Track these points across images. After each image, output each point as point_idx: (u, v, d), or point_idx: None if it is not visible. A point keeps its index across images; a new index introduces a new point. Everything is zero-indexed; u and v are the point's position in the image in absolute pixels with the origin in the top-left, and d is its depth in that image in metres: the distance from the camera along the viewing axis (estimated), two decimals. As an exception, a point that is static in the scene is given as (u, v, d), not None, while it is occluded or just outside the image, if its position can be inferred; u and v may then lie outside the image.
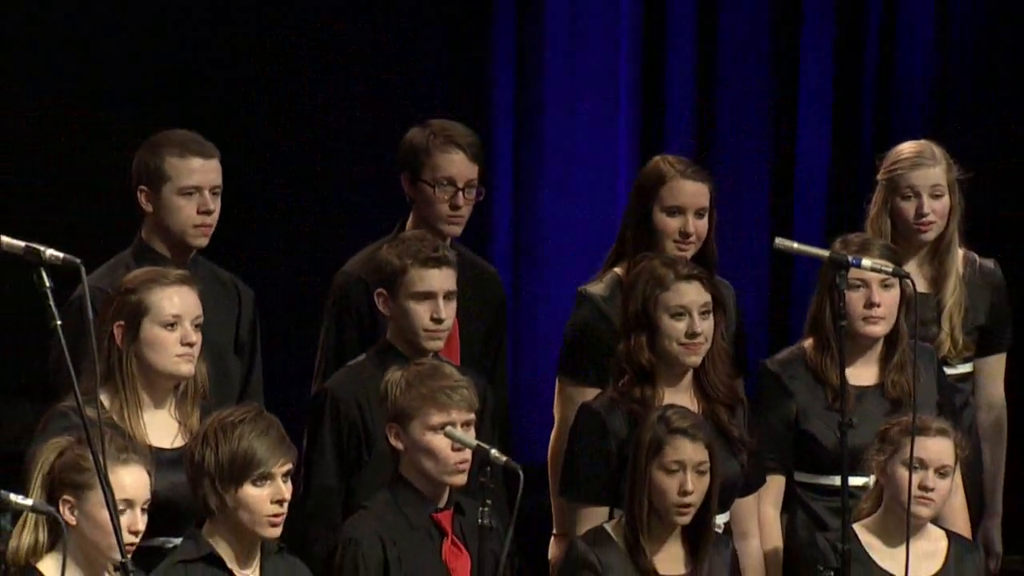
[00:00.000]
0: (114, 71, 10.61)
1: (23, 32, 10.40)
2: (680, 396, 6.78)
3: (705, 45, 10.11)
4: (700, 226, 7.21)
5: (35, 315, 5.69)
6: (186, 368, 6.35)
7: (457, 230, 7.26)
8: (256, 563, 6.20)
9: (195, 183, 6.88)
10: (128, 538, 5.59)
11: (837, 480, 6.72)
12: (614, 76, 10.16)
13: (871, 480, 6.78)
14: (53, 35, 10.48)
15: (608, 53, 10.17)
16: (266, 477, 6.06)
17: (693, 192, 7.23)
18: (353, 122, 9.60)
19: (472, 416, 6.37)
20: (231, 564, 6.13)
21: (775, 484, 7.09)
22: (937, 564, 6.75)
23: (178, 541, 6.24)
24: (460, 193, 7.22)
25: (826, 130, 9.99)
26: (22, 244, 5.52)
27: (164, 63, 10.76)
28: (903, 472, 6.60)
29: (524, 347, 9.12)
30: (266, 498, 6.07)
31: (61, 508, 5.66)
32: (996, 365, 7.63)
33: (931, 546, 6.73)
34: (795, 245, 6.87)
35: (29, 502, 5.40)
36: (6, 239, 5.57)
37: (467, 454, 6.30)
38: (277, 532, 6.17)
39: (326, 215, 8.85)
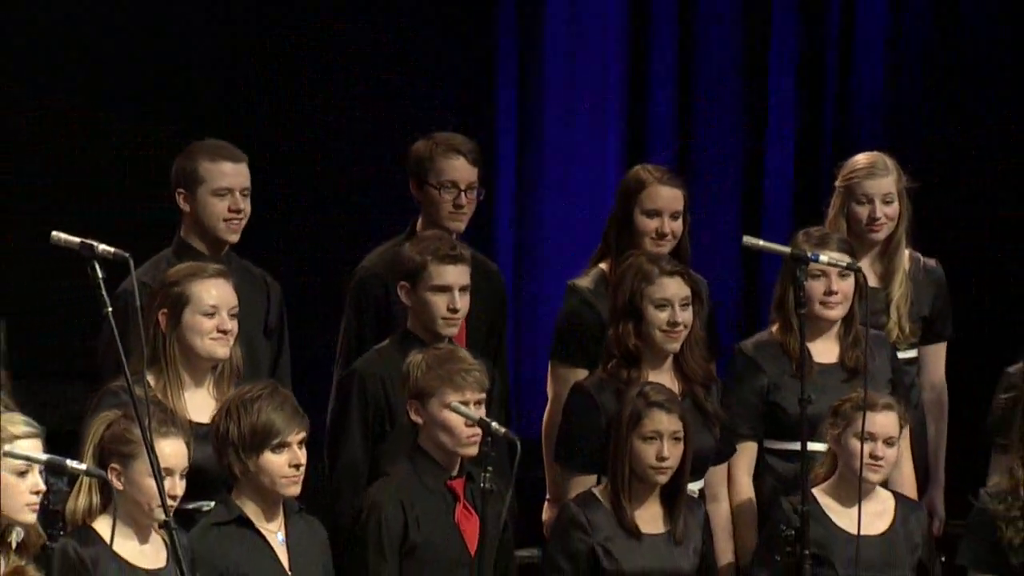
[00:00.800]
0: (117, 72, 9.93)
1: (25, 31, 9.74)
2: (662, 377, 6.79)
3: (685, 64, 10.04)
4: (675, 226, 7.19)
5: (83, 306, 5.70)
6: (222, 352, 6.38)
7: (461, 226, 7.24)
8: (280, 522, 6.18)
9: (226, 185, 6.86)
10: (168, 502, 5.55)
11: (795, 443, 6.70)
12: (604, 89, 10.06)
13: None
14: (53, 34, 9.84)
15: (598, 70, 10.07)
16: (283, 445, 6.07)
17: (669, 197, 7.22)
18: (366, 132, 9.29)
19: (483, 395, 6.39)
20: (259, 523, 6.11)
21: (748, 450, 7.06)
22: (886, 522, 6.72)
23: (210, 505, 6.25)
24: (462, 194, 7.21)
25: (790, 141, 9.94)
26: (78, 240, 5.51)
27: (172, 65, 9.98)
28: (855, 443, 6.59)
29: (524, 336, 9.05)
30: (284, 463, 6.07)
31: (109, 475, 5.65)
32: (938, 352, 7.61)
33: (881, 506, 6.71)
34: (761, 243, 6.88)
35: (83, 466, 5.45)
36: (64, 235, 5.56)
37: (478, 429, 6.23)
38: (296, 491, 6.16)
39: (342, 216, 8.66)
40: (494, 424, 6.23)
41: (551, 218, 9.86)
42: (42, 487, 5.50)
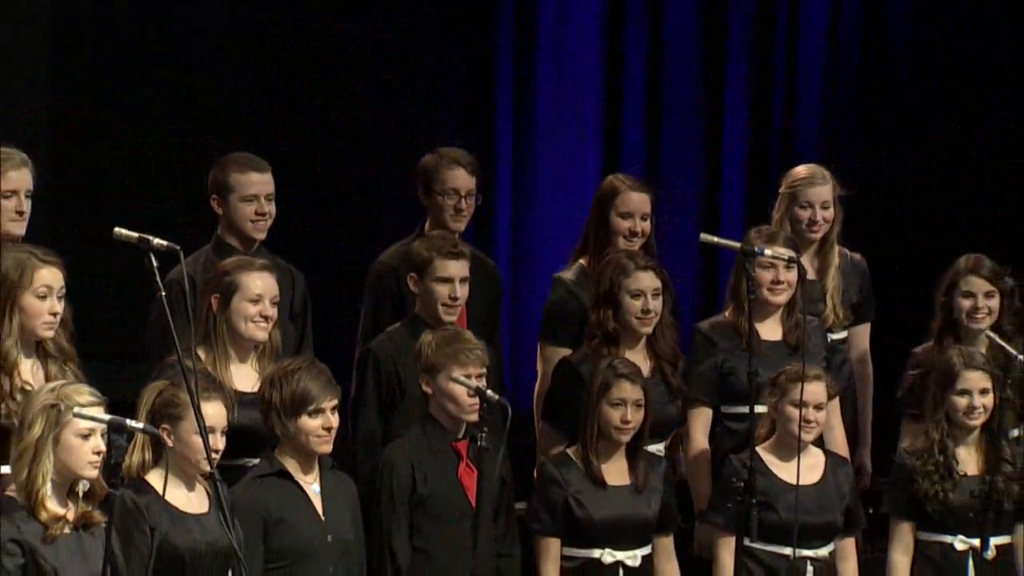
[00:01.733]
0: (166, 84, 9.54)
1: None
2: (636, 355, 6.84)
3: (653, 91, 10.01)
4: (644, 226, 7.21)
5: (134, 295, 5.76)
6: (261, 335, 6.37)
7: (462, 227, 7.23)
8: (316, 475, 6.19)
9: (253, 192, 6.86)
10: (211, 455, 5.59)
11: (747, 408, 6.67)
12: (584, 112, 10.01)
13: None
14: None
15: (580, 96, 10.03)
16: (318, 411, 6.08)
17: (639, 201, 7.24)
18: (378, 140, 9.17)
19: (484, 370, 6.41)
20: (297, 476, 6.13)
21: (704, 414, 6.99)
22: (819, 474, 6.73)
23: (256, 461, 6.25)
24: (463, 200, 7.21)
25: (742, 155, 9.91)
26: (136, 234, 5.49)
27: (203, 77, 9.57)
28: (790, 409, 6.60)
29: (519, 321, 8.99)
30: (318, 426, 6.08)
31: (161, 433, 5.66)
32: (863, 332, 7.59)
33: (814, 461, 6.72)
34: (715, 239, 6.89)
35: (140, 425, 5.43)
36: (124, 231, 5.51)
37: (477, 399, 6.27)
38: (328, 449, 6.18)
39: (356, 215, 8.51)
40: (489, 392, 6.23)
41: (540, 221, 9.79)
42: (102, 448, 5.46)
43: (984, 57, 10.04)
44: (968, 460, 6.82)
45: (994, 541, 6.78)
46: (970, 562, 6.80)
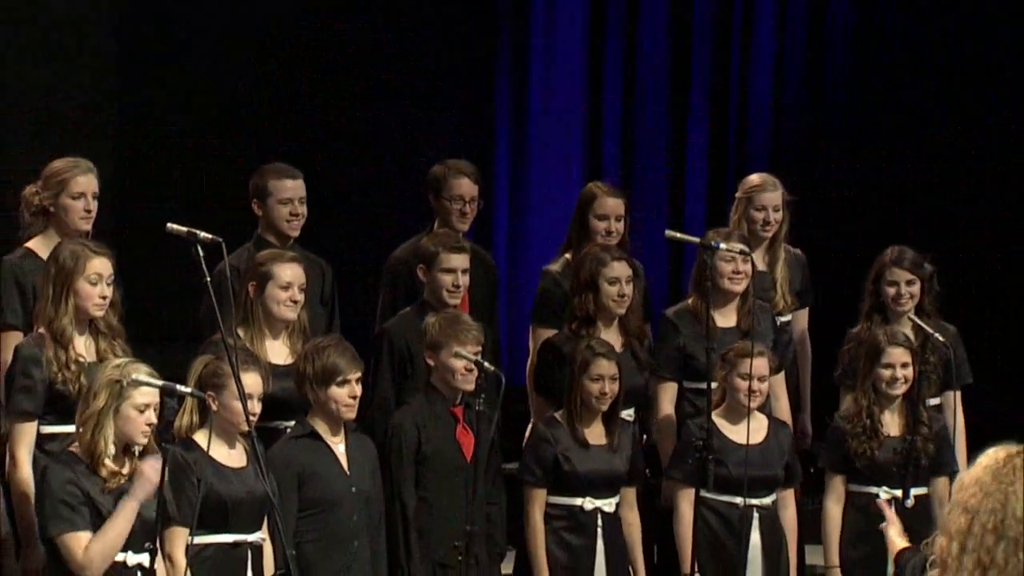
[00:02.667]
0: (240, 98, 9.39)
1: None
2: (610, 334, 6.87)
3: (628, 110, 10.02)
4: (619, 227, 7.19)
5: (183, 284, 5.77)
6: (291, 315, 6.36)
7: (465, 227, 7.22)
8: (342, 437, 6.20)
9: (288, 196, 6.82)
10: (249, 418, 5.64)
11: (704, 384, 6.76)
12: (569, 129, 10.01)
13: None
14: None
15: (564, 115, 10.05)
16: (345, 381, 6.10)
17: (614, 205, 7.23)
18: (394, 151, 9.04)
19: (480, 347, 6.42)
20: (326, 437, 6.15)
21: (670, 388, 6.97)
22: (762, 435, 6.74)
23: (288, 424, 6.29)
24: (466, 204, 7.21)
25: (703, 164, 9.92)
26: (184, 228, 5.48)
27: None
28: (739, 381, 6.63)
29: (515, 309, 8.92)
30: (345, 395, 6.10)
31: (206, 398, 5.73)
32: (804, 315, 7.58)
33: (758, 424, 6.72)
34: (678, 235, 6.99)
35: (188, 389, 5.54)
36: (175, 226, 5.51)
37: (475, 371, 6.34)
38: (353, 415, 6.20)
39: (376, 216, 8.42)
40: (486, 364, 6.31)
41: (532, 222, 9.80)
42: (154, 420, 5.50)
43: (910, 80, 10.04)
44: (891, 423, 6.85)
45: (913, 492, 6.80)
46: (915, 514, 6.65)
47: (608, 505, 6.61)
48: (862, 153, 9.96)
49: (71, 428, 5.64)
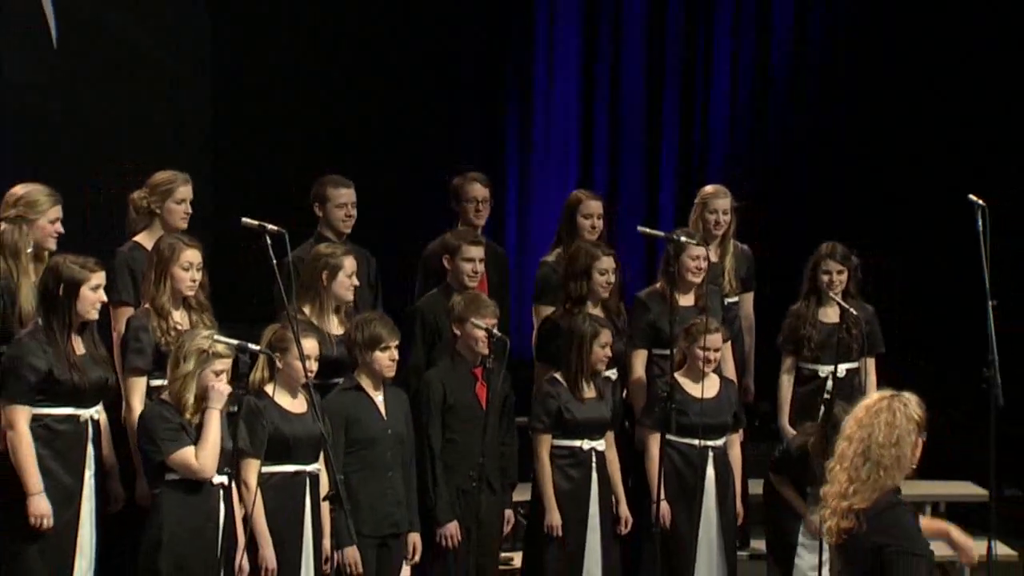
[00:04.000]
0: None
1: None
2: (595, 311, 6.81)
3: (613, 133, 10.03)
4: (599, 224, 7.19)
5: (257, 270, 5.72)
6: (351, 297, 6.36)
7: (481, 223, 7.19)
8: (381, 391, 6.14)
9: (343, 201, 6.79)
10: (308, 374, 5.69)
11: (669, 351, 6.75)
12: (567, 148, 10.02)
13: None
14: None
15: (563, 135, 10.05)
16: (386, 347, 6.06)
17: (596, 207, 7.22)
18: (429, 165, 8.80)
19: (495, 320, 6.37)
20: (369, 391, 6.09)
21: (642, 355, 6.95)
22: (715, 391, 6.73)
23: (340, 380, 6.21)
24: (480, 205, 7.21)
25: (672, 177, 9.94)
26: (256, 222, 5.47)
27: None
28: (697, 350, 6.62)
29: (523, 292, 8.69)
30: (387, 358, 6.07)
31: (274, 357, 5.75)
32: (749, 298, 7.55)
33: (711, 382, 6.71)
34: (649, 230, 6.97)
35: (258, 348, 5.60)
36: (248, 220, 5.51)
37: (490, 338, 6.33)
38: (392, 374, 6.15)
39: (415, 217, 8.21)
40: (496, 332, 6.29)
41: (535, 223, 9.77)
42: (228, 368, 5.53)
43: (838, 105, 10.08)
44: (831, 314, 6.91)
45: (843, 366, 6.92)
46: (829, 381, 6.79)
47: (600, 445, 6.60)
48: (800, 163, 9.97)
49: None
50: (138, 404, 5.80)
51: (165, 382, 5.63)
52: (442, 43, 9.69)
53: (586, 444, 6.58)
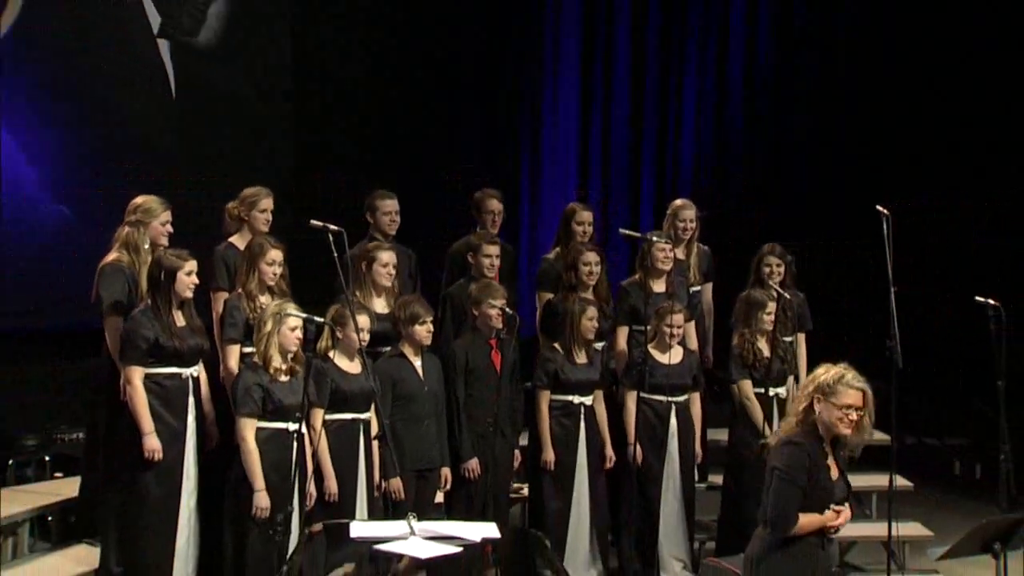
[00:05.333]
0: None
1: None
2: (587, 296, 6.76)
3: (605, 155, 10.00)
4: (590, 229, 7.14)
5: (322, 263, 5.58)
6: (387, 283, 6.25)
7: (495, 230, 7.11)
8: (419, 357, 6.07)
9: (388, 210, 6.71)
10: (361, 344, 5.70)
11: (644, 327, 6.72)
12: (568, 166, 9.95)
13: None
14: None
15: (564, 151, 9.99)
16: (423, 322, 6.02)
17: (587, 216, 7.18)
18: (460, 182, 8.40)
19: (505, 301, 6.30)
20: (409, 357, 6.05)
21: (624, 330, 6.88)
22: (680, 358, 6.69)
23: (387, 349, 6.11)
24: (495, 215, 7.14)
25: (652, 192, 9.93)
26: (321, 224, 5.40)
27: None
28: (663, 327, 6.61)
29: (530, 282, 8.52)
30: (424, 331, 6.02)
31: (350, 329, 5.73)
32: (709, 287, 7.51)
33: (676, 351, 6.70)
34: (628, 232, 6.98)
35: (322, 320, 5.57)
36: (315, 221, 5.45)
37: (502, 316, 6.27)
38: (428, 343, 6.06)
39: (446, 222, 7.88)
40: (508, 310, 6.26)
41: (541, 227, 9.78)
42: (300, 337, 5.53)
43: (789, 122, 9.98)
44: (766, 348, 6.69)
45: (788, 339, 6.85)
46: (774, 403, 6.56)
47: (588, 400, 6.53)
48: (749, 177, 9.95)
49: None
50: (233, 366, 5.79)
51: (253, 349, 5.64)
52: (481, 82, 9.57)
53: (576, 399, 6.53)
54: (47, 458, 6.81)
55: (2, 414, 6.94)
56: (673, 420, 6.66)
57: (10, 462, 6.70)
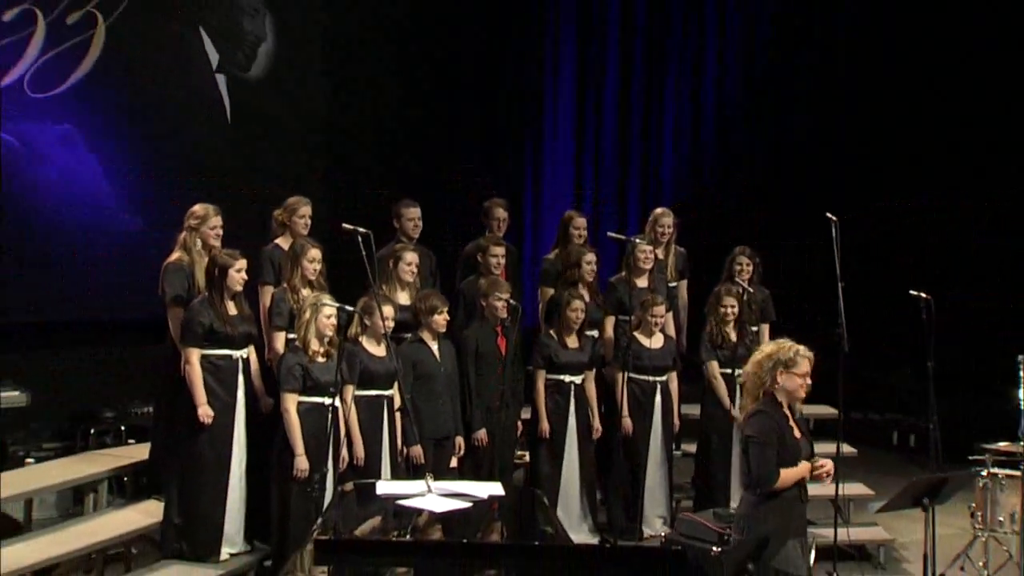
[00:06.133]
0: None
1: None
2: (582, 290, 6.76)
3: (597, 169, 9.91)
4: (585, 233, 7.14)
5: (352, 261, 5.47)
6: (409, 279, 6.24)
7: (501, 234, 7.06)
8: (437, 341, 6.03)
9: (411, 217, 6.65)
10: (387, 329, 5.68)
11: (629, 317, 6.75)
12: (568, 180, 9.90)
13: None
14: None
15: (564, 166, 9.94)
16: (440, 312, 5.96)
17: (582, 222, 7.16)
18: (472, 194, 7.99)
19: (509, 295, 6.29)
20: (428, 342, 6.01)
21: (612, 319, 6.83)
22: (661, 343, 6.68)
23: (409, 335, 6.07)
24: (501, 222, 7.09)
25: (636, 202, 9.88)
26: (351, 227, 5.38)
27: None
28: (647, 317, 6.60)
29: (534, 279, 8.43)
30: (441, 320, 5.98)
31: (364, 317, 5.75)
32: (684, 283, 7.48)
33: (658, 338, 6.67)
34: (615, 235, 7.00)
35: (352, 309, 5.65)
36: (347, 225, 5.37)
37: (506, 306, 6.24)
38: (443, 331, 6.04)
39: (460, 227, 7.69)
40: (512, 302, 6.24)
41: (542, 231, 9.72)
42: (335, 323, 5.53)
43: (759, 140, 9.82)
44: (732, 334, 6.73)
45: (754, 328, 6.78)
46: (737, 383, 6.36)
47: (578, 379, 6.48)
48: (728, 195, 9.89)
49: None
50: (279, 349, 5.81)
51: (295, 335, 5.66)
52: (486, 108, 9.39)
53: (567, 378, 6.48)
54: (122, 428, 7.01)
55: (86, 391, 7.11)
56: (657, 397, 6.64)
57: (92, 431, 6.92)
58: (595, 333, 6.78)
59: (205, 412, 5.54)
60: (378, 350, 5.81)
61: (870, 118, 9.15)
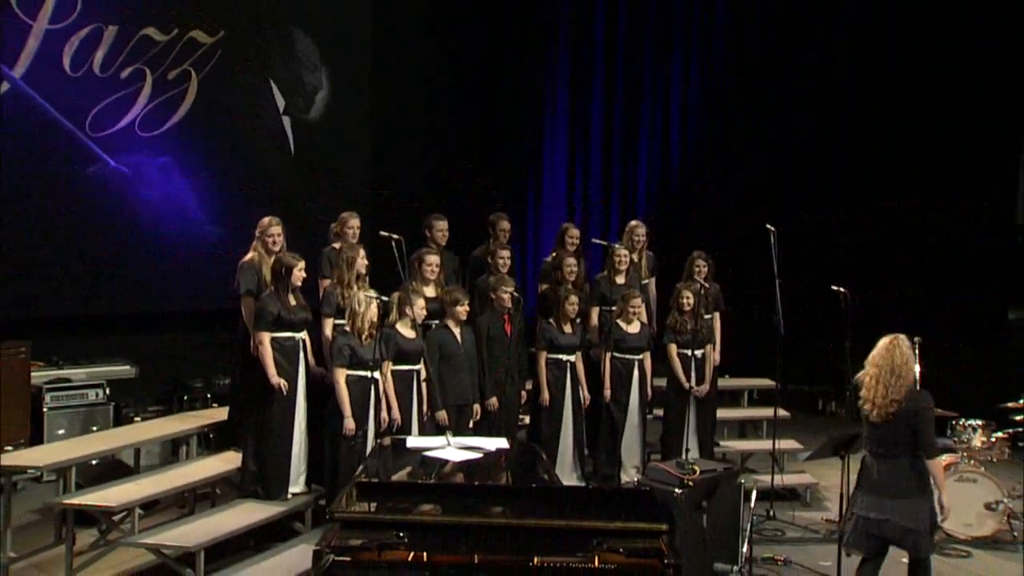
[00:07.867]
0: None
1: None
2: (569, 287, 6.64)
3: (585, 186, 9.76)
4: (577, 242, 6.96)
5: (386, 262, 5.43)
6: (431, 277, 6.06)
7: (505, 241, 6.92)
8: (459, 327, 5.90)
9: (439, 228, 6.49)
10: (418, 316, 5.64)
11: (612, 307, 6.69)
12: (564, 193, 9.72)
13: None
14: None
15: (561, 180, 9.72)
16: (462, 304, 5.86)
17: (575, 232, 6.97)
18: (482, 208, 7.46)
19: (513, 287, 6.16)
20: (453, 328, 5.90)
21: (596, 310, 6.74)
22: (637, 328, 6.49)
23: (436, 322, 5.96)
24: (505, 233, 6.94)
25: (616, 215, 9.73)
26: (387, 233, 5.36)
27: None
28: (628, 309, 6.50)
29: (535, 277, 8.31)
30: (463, 310, 5.86)
31: (402, 305, 5.63)
32: (653, 282, 7.33)
33: (636, 324, 6.47)
34: (599, 240, 7.14)
35: (387, 299, 5.46)
36: (384, 232, 5.42)
37: (511, 298, 6.11)
38: (464, 319, 5.89)
39: (474, 236, 7.30)
40: (515, 294, 6.13)
41: (541, 240, 9.60)
42: (377, 313, 5.43)
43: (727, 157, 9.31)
44: (689, 322, 6.61)
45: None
46: (692, 361, 6.40)
47: (572, 358, 6.39)
48: (686, 197, 9.63)
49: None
50: (329, 334, 5.70)
51: (343, 321, 5.56)
52: (492, 135, 9.02)
53: (564, 357, 6.42)
54: (208, 395, 7.22)
55: (179, 366, 7.30)
56: (635, 372, 6.58)
57: (184, 397, 7.21)
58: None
59: (279, 382, 5.51)
60: (410, 333, 5.74)
61: (870, 118, 8.15)
